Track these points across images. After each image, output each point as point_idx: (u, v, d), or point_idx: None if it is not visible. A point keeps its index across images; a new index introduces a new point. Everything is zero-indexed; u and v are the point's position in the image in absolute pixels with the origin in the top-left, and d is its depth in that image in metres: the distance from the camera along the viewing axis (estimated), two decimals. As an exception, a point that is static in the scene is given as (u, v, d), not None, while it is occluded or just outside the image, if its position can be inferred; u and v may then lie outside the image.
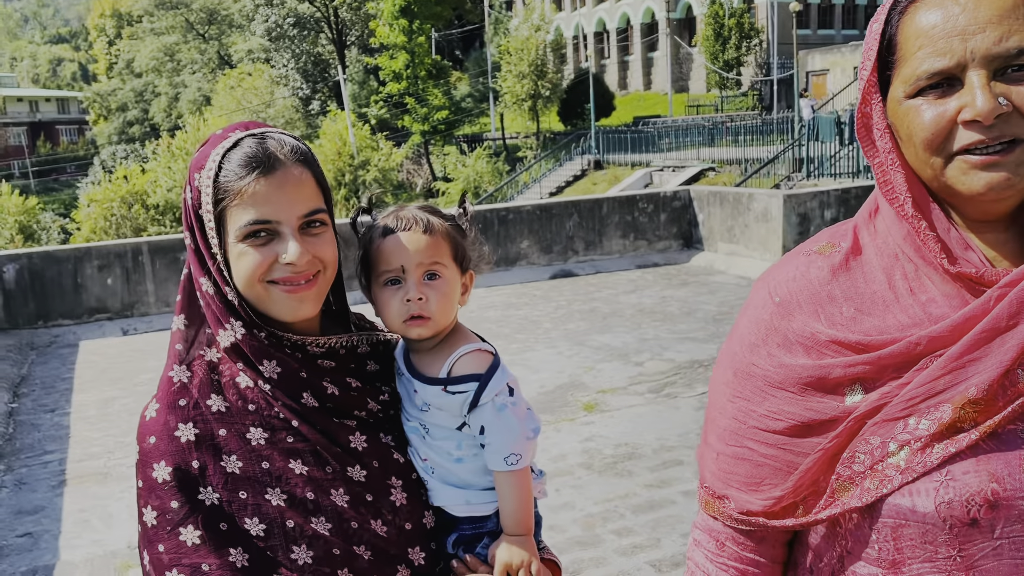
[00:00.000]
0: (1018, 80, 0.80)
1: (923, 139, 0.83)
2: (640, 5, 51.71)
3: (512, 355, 6.60)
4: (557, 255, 10.25)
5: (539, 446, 4.89)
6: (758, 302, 0.99)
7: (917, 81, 0.83)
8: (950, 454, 0.82)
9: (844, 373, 0.88)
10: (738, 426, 0.96)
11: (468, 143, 36.63)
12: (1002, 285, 0.83)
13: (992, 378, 0.81)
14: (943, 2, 0.82)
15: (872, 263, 0.92)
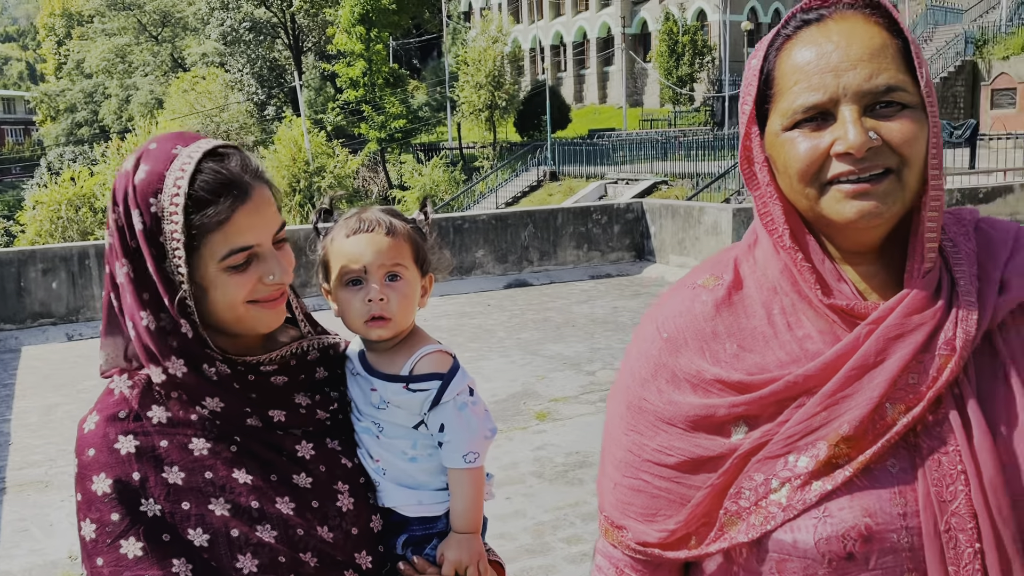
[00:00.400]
0: (887, 116, 0.84)
1: (798, 170, 0.86)
2: (596, 20, 52.26)
3: (465, 364, 6.52)
4: (512, 264, 10.30)
5: (491, 455, 4.91)
6: (647, 336, 0.99)
7: (793, 115, 0.86)
8: (827, 491, 0.85)
9: (728, 412, 0.90)
10: (633, 459, 0.97)
11: (425, 152, 36.60)
12: (870, 321, 0.86)
13: (863, 414, 0.84)
14: (817, 40, 0.86)
15: (752, 297, 0.94)
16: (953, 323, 0.85)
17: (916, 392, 0.84)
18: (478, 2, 60.85)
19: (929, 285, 0.86)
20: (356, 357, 1.33)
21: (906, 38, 0.86)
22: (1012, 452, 0.83)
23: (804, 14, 0.89)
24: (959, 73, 30.59)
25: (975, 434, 0.83)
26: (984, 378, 0.86)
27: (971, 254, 0.90)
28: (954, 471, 0.82)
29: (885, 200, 0.83)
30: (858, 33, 0.85)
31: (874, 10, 0.87)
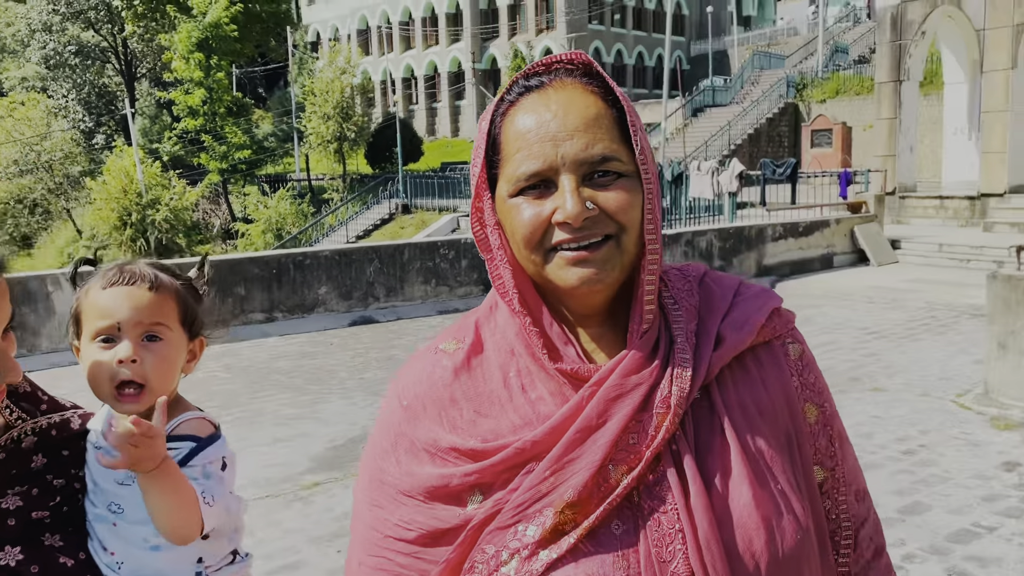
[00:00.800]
0: (604, 185, 0.85)
1: (523, 236, 0.86)
2: (447, 54, 52.83)
3: (302, 408, 6.28)
4: (357, 301, 10.00)
5: (324, 505, 4.58)
6: (389, 405, 0.97)
7: (517, 182, 0.86)
8: (552, 560, 0.83)
9: (462, 481, 0.88)
10: (376, 535, 0.94)
11: (271, 183, 35.46)
12: (592, 383, 0.86)
13: (586, 478, 0.83)
14: (537, 108, 0.86)
15: (491, 360, 0.93)
16: (669, 381, 0.86)
17: (636, 452, 0.84)
18: (326, 32, 60.16)
19: (647, 345, 0.88)
20: (102, 427, 1.14)
21: (622, 107, 0.88)
22: (726, 505, 0.84)
23: (526, 80, 0.89)
24: (783, 114, 32.95)
25: (691, 490, 0.84)
26: (702, 432, 0.87)
27: (692, 309, 0.92)
28: (672, 530, 0.83)
29: (604, 266, 0.85)
30: (576, 103, 0.86)
31: (591, 79, 0.89)
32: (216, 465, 1.19)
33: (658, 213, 0.88)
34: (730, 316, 0.92)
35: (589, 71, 0.89)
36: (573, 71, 0.89)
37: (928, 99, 24.99)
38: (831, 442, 0.96)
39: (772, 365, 0.93)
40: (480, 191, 0.91)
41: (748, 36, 49.31)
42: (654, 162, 0.90)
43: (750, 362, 0.92)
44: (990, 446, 5.12)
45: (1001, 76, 15.73)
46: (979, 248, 13.08)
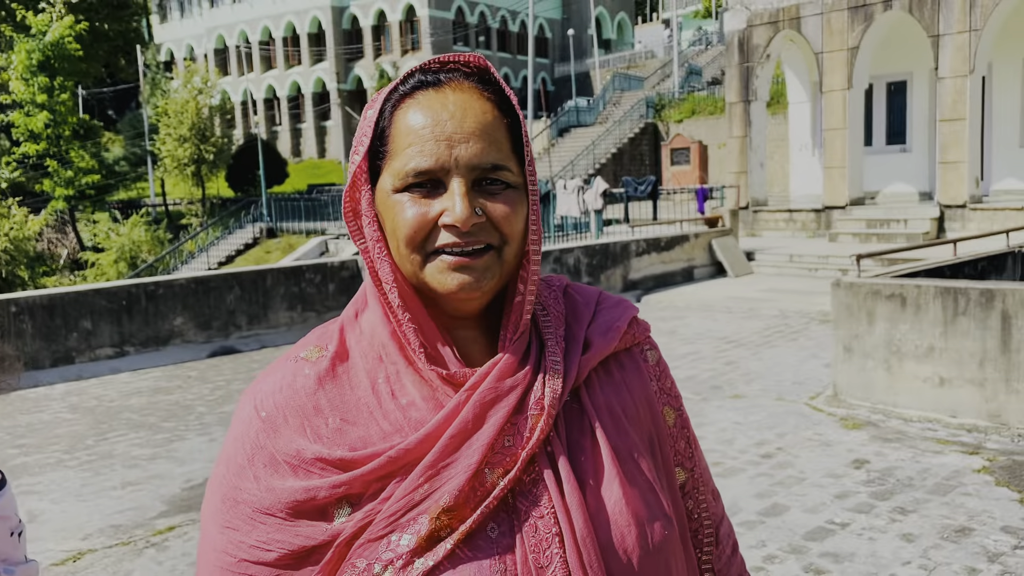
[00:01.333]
0: (492, 193, 0.85)
1: (405, 235, 0.84)
2: (311, 75, 51.89)
3: (156, 447, 5.90)
4: (217, 331, 9.55)
5: (181, 551, 4.29)
6: (244, 418, 0.90)
7: (406, 177, 0.84)
8: (429, 567, 0.81)
9: (330, 494, 0.84)
10: (228, 560, 0.87)
11: (123, 209, 33.58)
12: (467, 388, 0.85)
13: (462, 482, 0.82)
14: (433, 106, 0.85)
15: (358, 366, 0.90)
16: (542, 383, 0.87)
17: (512, 454, 0.84)
18: (180, 52, 57.89)
19: (519, 349, 0.88)
20: None
21: (515, 117, 0.88)
22: (600, 503, 0.86)
23: (423, 75, 0.87)
24: (643, 134, 34.19)
25: (566, 490, 0.84)
26: (573, 433, 0.89)
27: (560, 316, 0.94)
28: (549, 534, 0.83)
29: (484, 274, 0.85)
30: (473, 107, 0.85)
31: (487, 86, 0.88)
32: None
33: (540, 225, 0.89)
34: (595, 323, 0.95)
35: (485, 77, 0.89)
36: (470, 74, 0.88)
37: (776, 118, 26.56)
38: (688, 444, 1.00)
39: (633, 370, 0.96)
40: (358, 180, 0.88)
41: (609, 58, 51.01)
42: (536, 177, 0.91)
43: (614, 367, 0.95)
44: (840, 445, 5.39)
45: (839, 96, 16.89)
46: (825, 258, 13.94)
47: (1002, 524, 4.10)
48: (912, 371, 5.93)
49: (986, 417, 5.58)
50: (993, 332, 5.53)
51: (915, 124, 18.44)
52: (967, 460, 5.03)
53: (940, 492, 4.54)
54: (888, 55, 17.70)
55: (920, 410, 5.87)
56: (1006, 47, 16.32)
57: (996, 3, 14.74)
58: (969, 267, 7.82)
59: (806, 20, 17.21)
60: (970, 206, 15.44)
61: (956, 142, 15.46)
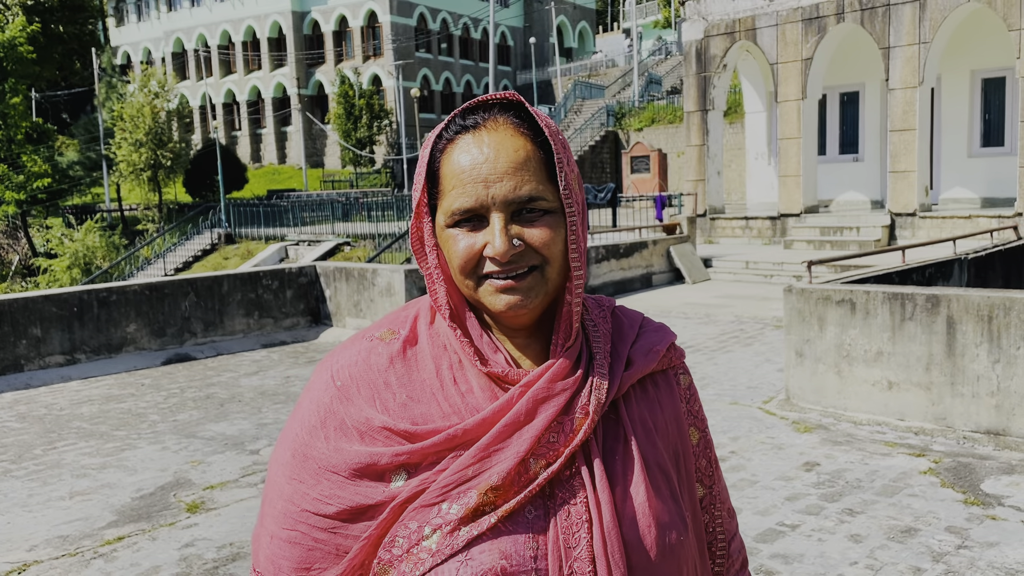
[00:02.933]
0: (530, 221, 0.95)
1: (458, 264, 0.96)
2: (271, 80, 51.42)
3: (107, 456, 5.79)
4: (172, 338, 9.40)
5: (130, 560, 4.23)
6: (320, 385, 1.02)
7: (453, 215, 0.95)
8: (473, 536, 0.91)
9: (391, 460, 0.95)
10: (292, 509, 0.98)
11: (77, 215, 32.91)
12: (522, 384, 0.96)
13: (510, 467, 0.92)
14: (471, 150, 0.95)
15: (425, 352, 1.01)
16: (588, 391, 0.97)
17: (555, 449, 0.95)
18: (137, 55, 56.99)
19: (571, 357, 0.99)
20: None
21: (550, 147, 0.97)
22: (627, 502, 0.96)
23: (462, 120, 0.97)
24: (604, 141, 34.45)
25: (598, 487, 0.95)
26: (609, 439, 0.99)
27: (607, 334, 1.04)
28: (580, 520, 0.94)
29: (528, 294, 0.95)
30: (506, 146, 0.95)
31: (521, 120, 0.97)
32: None
33: (582, 242, 0.99)
34: (638, 343, 1.06)
35: (521, 112, 0.98)
36: (507, 108, 0.98)
37: (733, 127, 26.95)
38: (710, 463, 1.11)
39: (667, 390, 1.06)
40: (421, 213, 1.00)
41: (570, 67, 51.35)
42: (581, 190, 1.00)
43: (649, 385, 1.05)
44: (792, 448, 5.48)
45: (793, 106, 17.20)
46: (780, 264, 14.17)
47: (947, 524, 4.20)
48: (861, 375, 6.05)
49: (932, 420, 5.72)
50: (939, 337, 5.67)
51: (867, 134, 18.84)
52: (914, 462, 5.15)
53: (888, 493, 4.64)
54: (841, 66, 18.08)
55: (869, 413, 6.00)
56: (954, 59, 16.76)
57: (944, 16, 15.15)
58: (917, 273, 8.01)
59: (761, 31, 17.51)
60: (920, 214, 15.82)
61: (906, 152, 15.84)
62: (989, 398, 5.47)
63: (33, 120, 32.03)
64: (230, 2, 51.89)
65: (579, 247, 0.98)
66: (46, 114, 41.77)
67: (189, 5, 54.05)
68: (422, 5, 49.84)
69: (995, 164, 16.95)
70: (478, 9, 53.32)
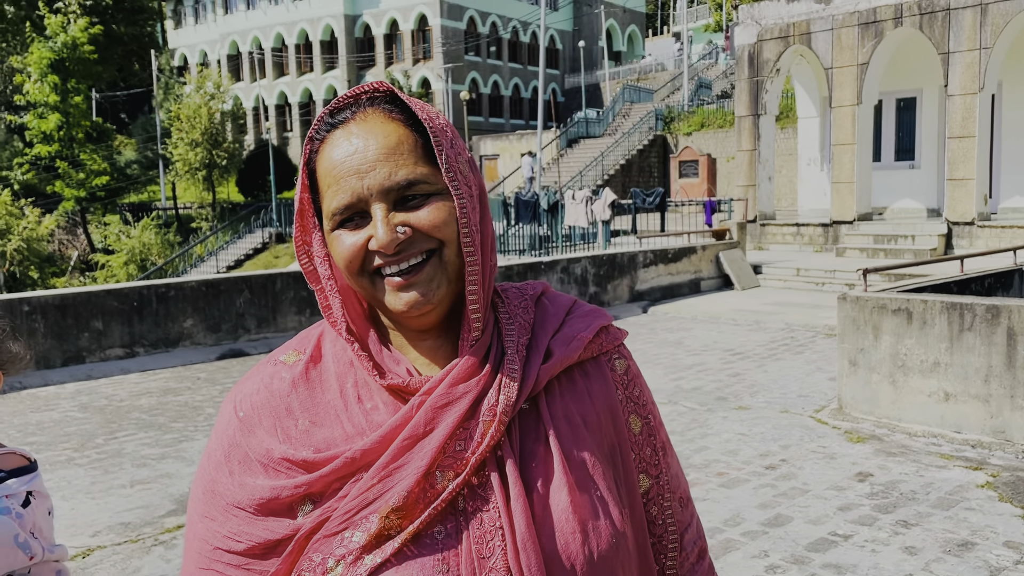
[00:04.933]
0: (415, 206, 0.89)
1: (344, 266, 0.90)
2: (322, 82, 52.18)
3: (165, 447, 5.95)
4: (226, 334, 9.62)
5: (177, 553, 4.32)
6: (224, 417, 0.97)
7: (334, 216, 0.90)
8: (377, 564, 0.86)
9: (293, 493, 0.89)
10: (206, 548, 0.93)
11: (134, 212, 33.79)
12: (422, 393, 0.89)
13: (411, 484, 0.86)
14: (341, 144, 0.90)
15: (330, 371, 0.95)
16: (496, 390, 0.90)
17: (462, 458, 0.88)
18: (194, 57, 58.27)
19: (477, 355, 0.91)
20: None
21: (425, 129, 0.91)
22: (546, 509, 0.88)
23: (331, 117, 0.92)
24: (652, 146, 34.24)
25: (512, 493, 0.88)
26: (528, 440, 0.91)
27: (526, 325, 0.96)
28: (493, 528, 0.87)
29: (429, 285, 0.89)
30: (376, 133, 0.89)
31: (393, 106, 0.91)
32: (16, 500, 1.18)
33: (475, 224, 0.91)
34: (560, 332, 0.97)
35: (392, 98, 0.92)
36: (376, 100, 0.92)
37: (785, 132, 26.60)
38: (655, 451, 1.01)
39: (598, 378, 0.98)
40: (307, 225, 0.95)
41: (619, 71, 51.16)
42: (475, 174, 0.94)
43: (578, 375, 0.97)
44: (844, 458, 5.41)
45: (848, 111, 16.93)
46: (832, 272, 13.95)
47: (1004, 539, 4.12)
48: (917, 386, 5.95)
49: (990, 433, 5.60)
50: (999, 348, 5.55)
51: (924, 141, 18.45)
52: (971, 475, 5.05)
53: (943, 506, 4.56)
54: (898, 71, 17.74)
55: (925, 425, 5.89)
56: (1016, 65, 16.34)
57: (1007, 21, 14.78)
58: (976, 283, 7.83)
59: (816, 35, 17.27)
60: (978, 223, 15.44)
61: (965, 159, 15.48)
62: (1051, 412, 5.34)
63: (93, 120, 32.99)
64: (284, 5, 52.80)
65: (471, 229, 0.91)
66: (105, 114, 42.93)
67: (244, 8, 55.12)
68: (472, 8, 50.13)
69: (1058, 173, 16.49)
70: (527, 12, 53.44)
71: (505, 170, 36.72)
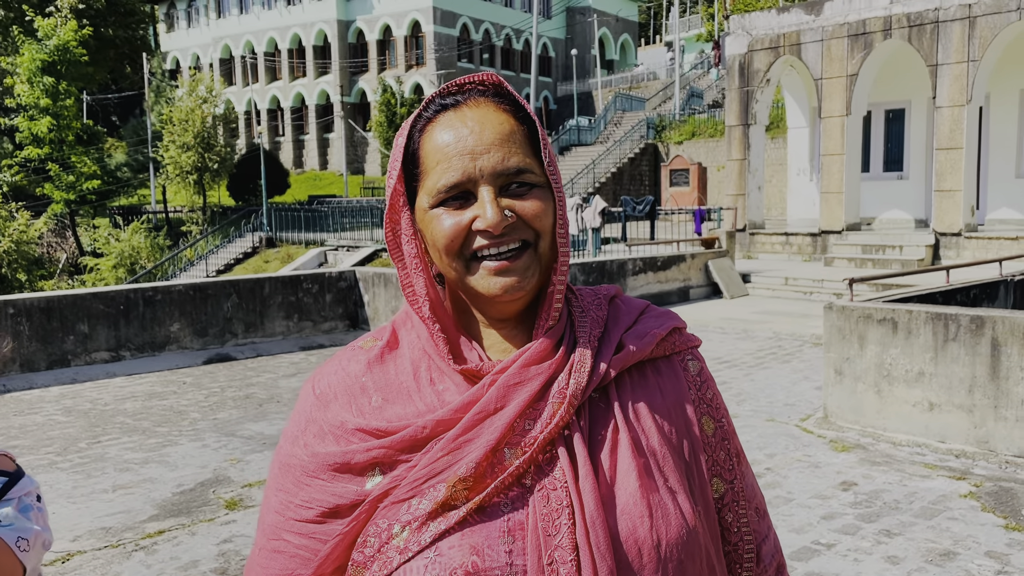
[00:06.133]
0: (519, 195, 0.92)
1: (444, 244, 0.92)
2: (315, 87, 52.14)
3: (149, 452, 5.92)
4: (213, 338, 9.58)
5: (169, 555, 4.32)
6: (304, 396, 1.02)
7: (438, 193, 0.92)
8: (441, 531, 0.88)
9: (364, 458, 0.92)
10: (278, 519, 0.97)
11: (124, 215, 33.65)
12: (494, 373, 0.93)
13: (479, 457, 0.89)
14: (455, 124, 0.93)
15: (404, 356, 0.99)
16: (567, 375, 0.93)
17: (530, 437, 0.90)
18: (186, 61, 58.16)
19: (551, 340, 0.95)
20: None
21: (533, 123, 0.96)
22: (612, 492, 0.90)
23: (442, 99, 0.95)
24: (643, 154, 34.36)
25: (580, 473, 0.89)
26: (597, 427, 0.93)
27: (599, 319, 1.00)
28: (560, 505, 0.88)
29: (524, 273, 0.92)
30: (490, 119, 0.93)
31: (502, 99, 0.95)
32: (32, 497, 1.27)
33: (567, 220, 0.96)
34: (633, 328, 1.01)
35: (500, 91, 0.96)
36: (485, 91, 0.96)
37: (775, 142, 26.72)
38: (729, 456, 1.02)
39: (671, 376, 1.00)
40: (396, 203, 0.97)
41: (611, 79, 51.34)
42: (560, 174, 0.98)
43: (650, 372, 0.99)
44: (829, 467, 5.42)
45: (837, 122, 17.03)
46: (820, 281, 14.00)
47: (987, 549, 4.13)
48: (902, 395, 5.97)
49: (974, 443, 5.62)
50: (983, 359, 5.58)
51: (912, 152, 18.57)
52: (954, 485, 5.07)
53: (926, 516, 4.57)
54: (887, 83, 17.85)
55: (909, 434, 5.91)
56: (1004, 78, 16.47)
57: (995, 34, 14.90)
58: (961, 294, 7.88)
59: (806, 46, 17.37)
60: (965, 234, 15.54)
61: (952, 171, 15.58)
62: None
63: (84, 122, 32.85)
64: (277, 10, 52.79)
65: (565, 224, 0.95)
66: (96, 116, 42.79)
67: (238, 12, 55.09)
68: (465, 16, 50.23)
69: (1045, 185, 16.61)
70: (520, 20, 53.59)
71: (497, 177, 36.70)
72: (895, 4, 16.14)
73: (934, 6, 15.56)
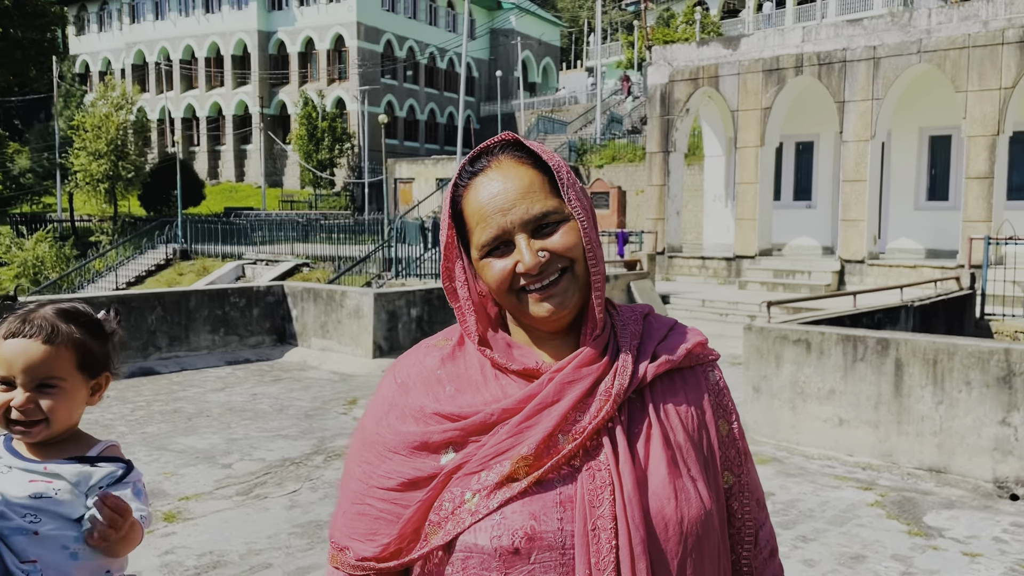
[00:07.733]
0: (549, 233, 1.11)
1: (496, 286, 1.12)
2: (233, 97, 51.15)
3: (77, 466, 5.79)
4: (136, 351, 9.37)
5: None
6: (386, 384, 1.21)
7: (483, 247, 1.12)
8: (506, 499, 1.06)
9: (441, 438, 1.11)
10: (362, 487, 1.15)
11: (28, 223, 32.23)
12: (552, 371, 1.12)
13: (539, 440, 1.07)
14: (486, 185, 1.12)
15: (472, 355, 1.18)
16: (612, 377, 1.11)
17: (580, 426, 1.09)
18: (96, 65, 56.23)
19: (598, 347, 1.14)
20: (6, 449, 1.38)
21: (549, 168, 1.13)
22: (645, 476, 1.09)
23: (471, 167, 1.15)
24: (564, 176, 34.86)
25: (621, 458, 1.08)
26: (635, 422, 1.12)
27: (636, 332, 1.18)
28: (603, 484, 1.07)
29: (565, 295, 1.11)
30: (511, 176, 1.11)
31: (522, 153, 1.13)
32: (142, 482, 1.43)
33: (595, 240, 1.14)
34: (665, 341, 1.20)
35: (519, 146, 1.14)
36: (506, 147, 1.14)
37: (692, 169, 27.65)
38: (739, 454, 1.21)
39: (694, 384, 1.18)
40: (451, 254, 1.18)
41: (533, 101, 52.08)
42: (587, 198, 1.16)
43: (677, 379, 1.17)
44: (749, 478, 5.74)
45: (751, 152, 17.82)
46: (735, 304, 14.60)
47: (892, 552, 4.48)
48: (814, 411, 6.37)
49: (879, 456, 6.05)
50: (887, 378, 6.02)
51: (820, 182, 19.56)
52: (862, 495, 5.45)
53: (838, 523, 4.92)
54: (798, 117, 18.79)
55: (821, 448, 6.31)
56: (905, 116, 17.57)
57: (896, 75, 15.92)
58: (867, 318, 8.42)
59: (724, 79, 18.16)
60: (868, 262, 16.46)
61: (857, 201, 16.51)
62: (932, 437, 5.82)
63: (-13, 125, 31.39)
64: (195, 17, 51.66)
65: (593, 247, 1.12)
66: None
67: (153, 18, 53.65)
68: (389, 32, 50.23)
69: (939, 217, 17.72)
70: (445, 39, 53.91)
71: (420, 194, 36.78)
72: (807, 43, 17.07)
73: (842, 46, 16.53)
